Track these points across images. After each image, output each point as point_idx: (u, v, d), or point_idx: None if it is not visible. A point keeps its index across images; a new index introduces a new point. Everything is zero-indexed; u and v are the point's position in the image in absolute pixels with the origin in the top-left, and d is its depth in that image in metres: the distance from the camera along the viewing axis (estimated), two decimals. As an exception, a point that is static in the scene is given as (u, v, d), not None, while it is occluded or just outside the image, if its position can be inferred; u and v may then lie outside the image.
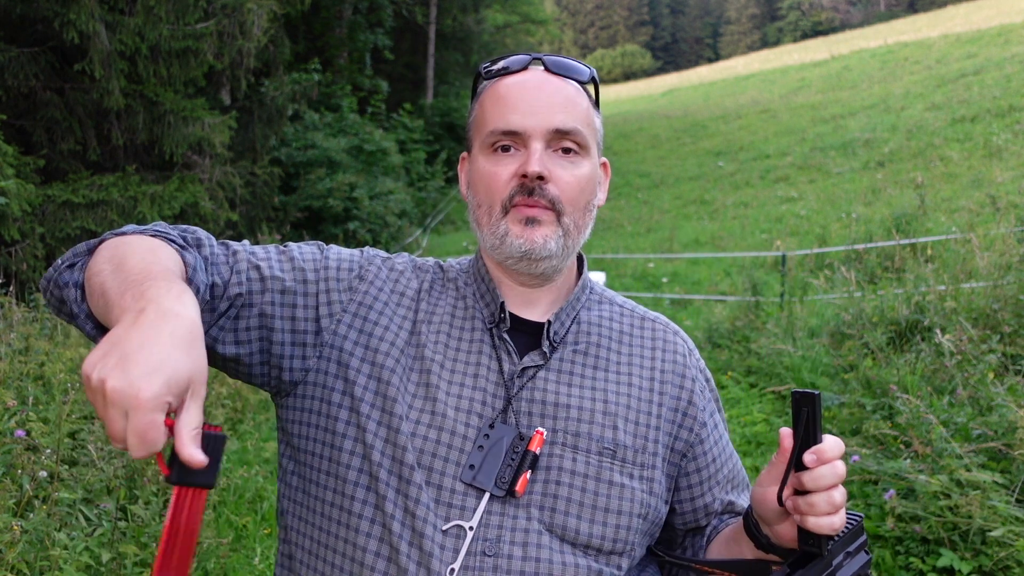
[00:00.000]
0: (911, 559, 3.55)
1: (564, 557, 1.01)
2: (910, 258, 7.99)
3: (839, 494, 0.93)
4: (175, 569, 0.73)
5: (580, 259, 1.22)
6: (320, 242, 1.19)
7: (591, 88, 1.16)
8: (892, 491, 3.68)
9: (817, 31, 71.58)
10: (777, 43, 71.42)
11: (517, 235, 1.07)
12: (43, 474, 2.95)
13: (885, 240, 9.16)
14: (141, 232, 1.00)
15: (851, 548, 0.97)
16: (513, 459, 1.02)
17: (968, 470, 3.44)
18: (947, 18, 40.54)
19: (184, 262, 0.96)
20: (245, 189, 10.77)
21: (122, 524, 3.08)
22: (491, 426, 1.04)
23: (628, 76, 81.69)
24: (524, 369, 1.10)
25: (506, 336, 1.11)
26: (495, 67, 1.14)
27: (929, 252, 8.08)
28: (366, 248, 1.22)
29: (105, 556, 2.78)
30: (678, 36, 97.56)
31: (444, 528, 1.00)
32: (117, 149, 8.64)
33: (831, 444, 0.93)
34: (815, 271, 9.10)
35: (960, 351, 4.61)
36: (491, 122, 1.09)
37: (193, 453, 0.70)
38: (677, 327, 1.25)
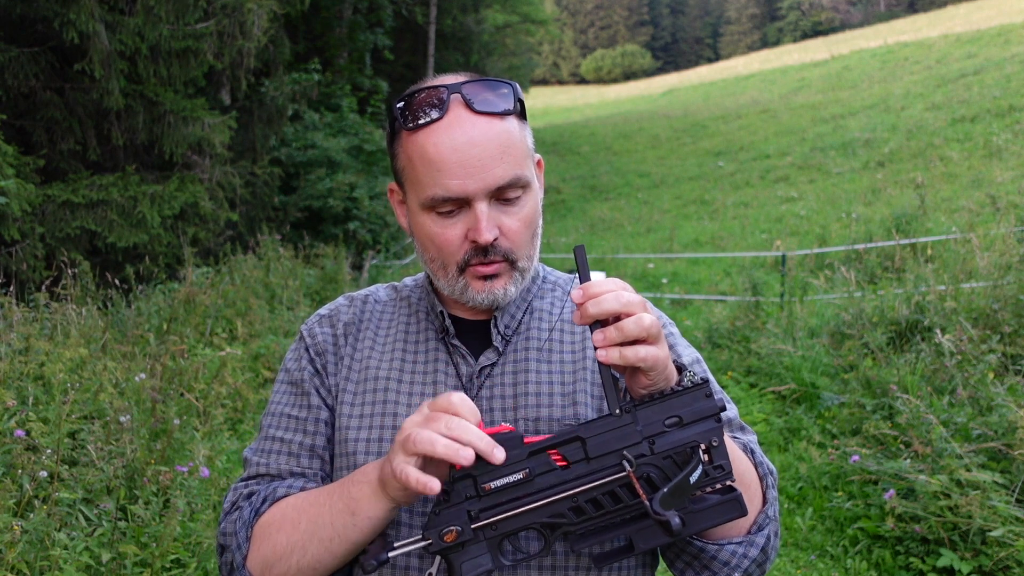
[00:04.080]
0: (911, 559, 3.55)
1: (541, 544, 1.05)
2: (910, 258, 8.00)
3: (632, 323, 0.90)
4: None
5: None
6: (280, 377, 1.23)
7: (517, 107, 1.09)
8: (892, 491, 3.68)
9: (817, 31, 71.54)
10: (777, 43, 71.39)
11: (478, 290, 1.09)
12: (43, 474, 2.95)
13: (885, 240, 9.16)
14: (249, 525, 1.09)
15: (699, 402, 0.92)
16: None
17: (968, 470, 3.43)
18: (947, 18, 40.53)
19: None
20: (245, 189, 10.76)
21: (122, 524, 3.08)
22: None
23: (628, 76, 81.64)
24: (482, 368, 1.14)
25: (456, 342, 1.15)
26: (414, 117, 1.05)
27: (929, 252, 8.09)
28: (302, 329, 1.26)
29: (105, 556, 2.78)
30: (678, 36, 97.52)
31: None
32: (117, 149, 8.63)
33: (599, 279, 0.93)
34: (815, 271, 9.10)
35: (960, 351, 4.61)
36: (428, 187, 1.05)
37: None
38: None
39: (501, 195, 1.06)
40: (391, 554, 0.92)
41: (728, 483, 0.93)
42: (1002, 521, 3.25)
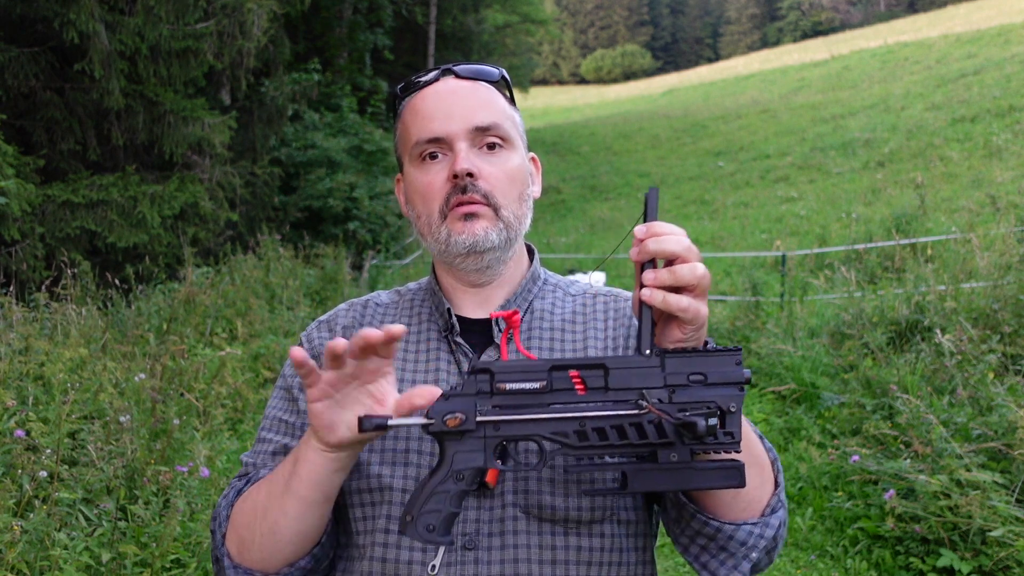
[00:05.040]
0: (911, 559, 3.55)
1: (543, 539, 1.05)
2: (910, 258, 8.00)
3: (686, 269, 0.90)
4: None
5: (531, 253, 1.26)
6: (278, 382, 1.25)
7: (504, 89, 1.19)
8: (892, 491, 3.68)
9: (817, 31, 71.52)
10: (777, 43, 71.37)
11: (458, 231, 1.11)
12: (43, 474, 2.95)
13: (885, 240, 9.17)
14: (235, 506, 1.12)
15: (727, 366, 0.92)
16: None
17: (968, 470, 3.43)
18: (947, 18, 40.54)
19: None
20: (245, 189, 10.75)
21: (122, 524, 3.08)
22: None
23: (628, 76, 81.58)
24: None
25: (459, 340, 1.16)
26: (412, 87, 1.17)
27: (929, 252, 8.09)
28: (301, 336, 1.27)
29: (105, 556, 2.78)
30: (678, 36, 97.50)
31: None
32: (117, 149, 8.63)
33: (664, 222, 0.93)
34: (815, 271, 9.10)
35: (960, 351, 4.61)
36: (414, 134, 1.13)
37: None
38: (630, 293, 1.25)
39: (482, 140, 1.12)
40: (390, 423, 0.92)
41: (733, 454, 0.92)
42: (1002, 521, 3.25)
